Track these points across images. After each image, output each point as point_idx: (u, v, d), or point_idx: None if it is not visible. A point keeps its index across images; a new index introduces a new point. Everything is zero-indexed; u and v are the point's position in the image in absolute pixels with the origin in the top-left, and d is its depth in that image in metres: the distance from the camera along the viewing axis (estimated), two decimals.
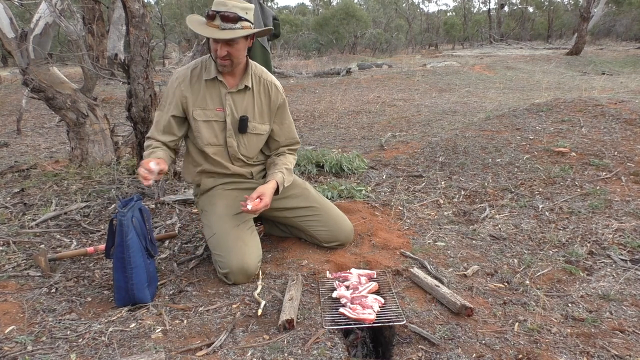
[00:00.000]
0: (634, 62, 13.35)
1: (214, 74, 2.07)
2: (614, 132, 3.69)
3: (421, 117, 5.83)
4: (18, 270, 2.15)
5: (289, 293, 1.81)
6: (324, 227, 2.26)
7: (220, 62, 2.01)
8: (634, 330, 1.65)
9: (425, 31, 27.06)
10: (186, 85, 2.08)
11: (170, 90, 2.09)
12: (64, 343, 1.63)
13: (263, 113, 2.19)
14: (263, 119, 2.20)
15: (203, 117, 2.10)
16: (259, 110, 2.18)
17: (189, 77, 2.09)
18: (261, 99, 2.18)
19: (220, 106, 2.11)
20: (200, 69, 2.11)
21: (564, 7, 26.05)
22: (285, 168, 2.20)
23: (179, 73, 2.12)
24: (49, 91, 3.48)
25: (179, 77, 2.10)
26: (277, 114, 2.23)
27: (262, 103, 2.18)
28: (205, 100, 2.10)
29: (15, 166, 3.79)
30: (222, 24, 1.92)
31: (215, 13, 1.91)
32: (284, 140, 2.29)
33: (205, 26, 1.95)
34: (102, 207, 2.87)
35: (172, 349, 1.57)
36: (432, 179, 3.31)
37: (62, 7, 3.67)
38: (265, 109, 2.19)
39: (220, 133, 2.14)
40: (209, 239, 2.12)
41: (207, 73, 2.08)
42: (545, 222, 2.56)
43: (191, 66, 2.12)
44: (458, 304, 1.72)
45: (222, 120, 2.12)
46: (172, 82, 2.11)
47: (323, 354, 1.51)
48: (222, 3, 1.93)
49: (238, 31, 1.93)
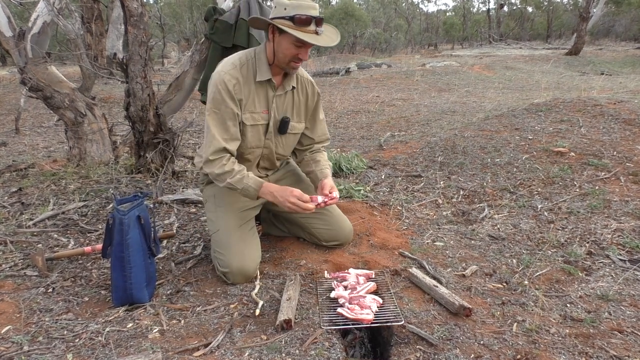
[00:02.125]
0: (633, 63, 13.36)
1: (267, 75, 1.98)
2: (613, 132, 3.68)
3: (420, 116, 5.82)
4: (15, 270, 2.14)
5: (287, 293, 1.80)
6: (325, 226, 2.25)
7: (294, 65, 1.94)
8: (633, 331, 1.64)
9: (425, 31, 27.06)
10: (239, 87, 1.96)
11: (224, 93, 1.93)
12: (61, 343, 1.62)
13: (300, 112, 2.15)
14: (300, 117, 2.16)
15: (251, 121, 2.02)
16: (297, 110, 2.14)
17: (241, 78, 1.96)
18: (299, 97, 2.13)
19: (266, 108, 2.04)
20: (248, 69, 1.98)
21: (563, 7, 26.07)
22: (329, 167, 2.20)
23: (229, 73, 1.93)
24: (47, 90, 3.47)
25: (231, 77, 1.93)
26: (312, 111, 2.20)
27: (300, 102, 2.14)
28: (254, 103, 2.01)
29: (13, 165, 3.78)
30: (318, 28, 1.86)
31: (312, 18, 1.83)
32: (318, 137, 2.26)
33: (301, 32, 1.84)
34: (100, 207, 2.86)
35: (169, 349, 1.56)
36: (431, 179, 3.30)
37: (61, 5, 3.67)
38: (303, 108, 2.16)
39: (262, 135, 2.08)
40: (212, 235, 2.11)
41: (260, 74, 1.97)
42: (544, 222, 2.56)
43: (237, 64, 1.97)
44: (456, 304, 1.71)
45: (266, 122, 2.06)
46: (224, 83, 1.92)
47: (321, 354, 1.50)
48: (311, 6, 1.85)
49: (334, 38, 1.92)
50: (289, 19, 1.82)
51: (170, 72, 10.84)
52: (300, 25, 1.83)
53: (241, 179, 1.94)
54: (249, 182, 1.95)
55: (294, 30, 1.83)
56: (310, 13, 1.84)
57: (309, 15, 1.83)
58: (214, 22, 3.09)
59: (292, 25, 1.83)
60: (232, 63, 1.97)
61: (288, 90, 2.07)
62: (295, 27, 1.83)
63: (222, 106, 1.94)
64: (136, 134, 3.25)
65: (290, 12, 1.83)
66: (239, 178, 1.94)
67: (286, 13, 1.83)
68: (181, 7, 20.30)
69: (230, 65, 1.96)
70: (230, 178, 1.94)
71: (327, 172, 2.16)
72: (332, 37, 1.93)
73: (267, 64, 1.98)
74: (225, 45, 3.10)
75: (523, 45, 19.99)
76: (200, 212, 2.84)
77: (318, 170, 2.17)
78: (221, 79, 1.92)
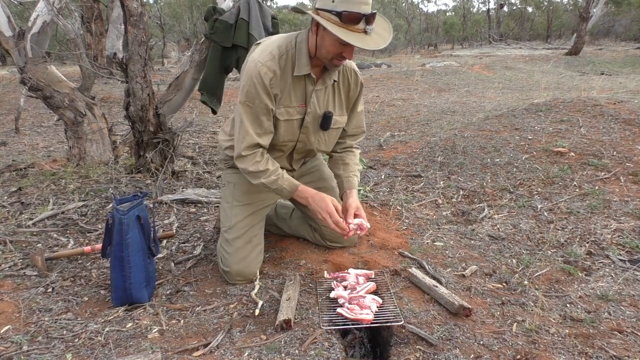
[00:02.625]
0: (633, 63, 13.36)
1: (307, 70, 1.81)
2: (613, 132, 3.68)
3: (420, 116, 5.82)
4: (14, 270, 2.14)
5: (287, 293, 1.80)
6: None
7: (336, 63, 1.78)
8: (633, 331, 1.64)
9: (425, 31, 27.05)
10: (276, 81, 1.80)
11: (259, 86, 1.78)
12: (60, 343, 1.62)
13: (342, 104, 2.01)
14: (342, 110, 2.02)
15: (285, 116, 1.89)
16: (339, 102, 1.99)
17: (279, 71, 1.80)
18: (341, 89, 1.97)
19: (303, 102, 1.89)
20: (287, 60, 1.81)
21: (563, 7, 26.06)
22: (357, 171, 2.09)
23: (266, 65, 1.77)
24: (47, 90, 3.47)
25: (268, 70, 1.77)
26: (355, 102, 2.05)
27: (342, 93, 1.98)
28: (290, 98, 1.87)
29: (12, 165, 3.78)
30: (367, 27, 1.66)
31: (362, 16, 1.64)
32: (352, 129, 2.10)
33: (348, 31, 1.65)
34: (100, 207, 2.86)
35: (168, 349, 1.56)
36: (430, 179, 3.30)
37: (60, 5, 3.67)
38: (344, 99, 2.00)
39: (297, 130, 1.95)
40: (222, 230, 2.07)
41: (298, 68, 1.81)
42: (544, 222, 2.56)
43: (276, 54, 1.79)
44: (456, 304, 1.71)
45: (301, 116, 1.92)
46: (260, 76, 1.77)
47: (320, 355, 1.50)
48: (363, 1, 1.64)
49: (386, 36, 1.73)
50: (336, 15, 1.64)
51: (170, 72, 10.84)
52: (348, 23, 1.64)
53: (275, 180, 1.86)
54: (284, 184, 1.87)
55: (338, 29, 1.64)
56: (361, 10, 1.63)
57: (359, 12, 1.63)
58: (214, 22, 3.09)
59: (338, 22, 1.64)
60: (271, 52, 1.79)
61: (329, 84, 1.92)
62: (342, 24, 1.64)
63: (256, 100, 1.80)
64: (136, 134, 3.25)
65: (338, 6, 1.63)
66: (273, 179, 1.86)
67: (333, 7, 1.64)
68: (181, 7, 20.29)
69: (268, 55, 1.78)
70: (264, 178, 1.85)
71: (354, 181, 2.04)
72: (384, 36, 1.73)
73: (307, 56, 1.80)
74: (225, 45, 3.10)
75: (523, 45, 19.99)
76: (200, 212, 2.84)
77: (345, 178, 2.05)
78: (257, 71, 1.77)
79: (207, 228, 2.61)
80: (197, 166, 3.79)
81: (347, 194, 2.03)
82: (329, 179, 2.25)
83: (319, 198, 1.86)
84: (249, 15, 3.07)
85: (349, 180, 2.05)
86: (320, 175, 2.25)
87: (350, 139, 2.14)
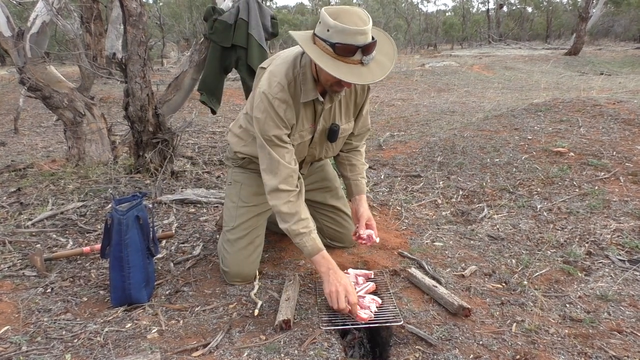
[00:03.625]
0: (633, 63, 13.37)
1: (313, 95, 1.75)
2: (613, 132, 3.68)
3: (420, 117, 5.82)
4: (13, 270, 2.13)
5: (286, 293, 1.80)
6: (333, 226, 2.25)
7: (336, 90, 1.72)
8: (632, 331, 1.64)
9: (424, 31, 27.04)
10: (291, 112, 1.75)
11: (278, 121, 1.73)
12: (59, 343, 1.62)
13: (349, 112, 1.96)
14: (349, 117, 1.98)
15: (298, 140, 1.86)
16: (346, 111, 1.94)
17: (291, 100, 1.74)
18: (348, 98, 1.92)
19: (313, 122, 1.86)
20: (295, 88, 1.75)
21: (562, 7, 26.07)
22: (364, 171, 2.09)
23: (278, 98, 1.72)
24: (46, 90, 3.46)
25: (281, 102, 1.72)
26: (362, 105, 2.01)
27: (349, 102, 1.94)
28: (303, 122, 1.83)
29: (12, 165, 3.78)
30: (364, 57, 1.55)
31: (357, 47, 1.52)
32: (358, 130, 2.06)
33: (342, 64, 1.55)
34: (99, 207, 2.86)
35: (168, 349, 1.56)
36: (430, 179, 3.30)
37: (60, 5, 3.66)
38: (352, 107, 1.96)
39: (306, 148, 1.95)
40: (225, 229, 2.07)
41: (305, 95, 1.75)
42: (543, 222, 2.56)
43: (284, 84, 1.73)
44: (456, 305, 1.71)
45: (311, 135, 1.90)
46: (276, 110, 1.72)
47: (320, 355, 1.50)
48: (359, 31, 1.51)
49: (387, 64, 1.62)
50: (330, 46, 1.54)
51: (170, 72, 10.83)
52: (342, 55, 1.54)
53: (300, 235, 1.75)
54: (307, 244, 1.75)
55: (332, 61, 1.55)
56: (356, 41, 1.52)
57: (354, 44, 1.52)
58: (213, 22, 3.09)
59: (332, 53, 1.55)
60: (279, 83, 1.73)
61: (336, 100, 1.85)
62: (337, 55, 1.55)
63: (273, 132, 1.74)
64: (135, 134, 3.25)
65: (333, 37, 1.53)
66: (300, 232, 1.75)
67: (328, 37, 1.54)
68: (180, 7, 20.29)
69: (278, 87, 1.72)
70: (290, 224, 1.75)
71: (362, 185, 2.03)
72: (384, 65, 1.62)
73: (312, 81, 1.74)
74: (224, 45, 3.10)
75: (522, 46, 20.00)
76: (199, 213, 2.83)
77: (353, 181, 2.03)
78: (270, 105, 1.72)
79: (206, 228, 2.61)
80: (196, 166, 3.79)
81: (357, 201, 2.02)
82: (333, 179, 2.26)
83: (339, 275, 1.71)
84: (249, 16, 3.07)
85: (357, 184, 2.04)
86: (324, 175, 2.25)
87: (357, 139, 2.11)
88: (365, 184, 2.08)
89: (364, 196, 2.04)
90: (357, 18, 1.54)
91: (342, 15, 1.53)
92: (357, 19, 1.54)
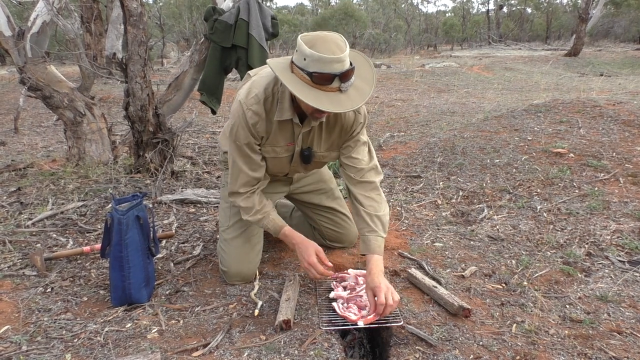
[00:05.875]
0: (632, 64, 13.38)
1: (288, 115, 1.73)
2: (612, 133, 3.69)
3: (420, 117, 5.82)
4: (14, 270, 2.14)
5: (286, 293, 1.80)
6: (334, 228, 2.25)
7: (317, 116, 1.69)
8: (632, 332, 1.64)
9: (424, 32, 27.07)
10: (262, 125, 1.76)
11: (246, 129, 1.76)
12: (59, 343, 1.62)
13: (333, 142, 1.90)
14: (331, 146, 1.92)
15: (272, 154, 1.87)
16: (326, 140, 1.89)
17: (264, 114, 1.74)
18: (332, 127, 1.86)
19: (292, 141, 1.85)
20: (272, 104, 1.75)
21: (562, 8, 26.10)
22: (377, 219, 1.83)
23: (251, 109, 1.73)
24: (46, 90, 3.46)
25: (253, 114, 1.73)
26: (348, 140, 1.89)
27: (333, 132, 1.87)
28: (277, 138, 1.82)
29: (12, 165, 3.78)
30: (342, 85, 1.54)
31: (334, 76, 1.51)
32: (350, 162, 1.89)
33: (320, 92, 1.53)
34: (99, 207, 2.86)
35: (168, 349, 1.56)
36: (430, 180, 3.30)
37: (60, 5, 3.66)
38: (336, 137, 1.89)
39: (286, 164, 1.95)
40: (221, 230, 2.10)
41: (280, 113, 1.74)
42: (543, 223, 2.56)
43: (261, 98, 1.73)
44: (456, 305, 1.71)
45: (290, 154, 1.90)
46: (247, 120, 1.74)
47: (320, 355, 1.50)
48: (335, 59, 1.49)
49: (366, 89, 1.60)
50: (307, 74, 1.52)
51: (169, 72, 10.83)
52: (319, 84, 1.53)
53: (261, 219, 1.88)
54: (268, 225, 1.89)
55: (309, 90, 1.53)
56: (333, 70, 1.50)
57: (331, 73, 1.50)
58: (214, 22, 3.09)
59: (309, 81, 1.53)
60: (256, 95, 1.73)
61: (315, 125, 1.81)
62: (314, 84, 1.53)
63: (243, 140, 1.79)
64: (135, 134, 3.25)
65: (309, 66, 1.51)
66: (258, 218, 1.88)
67: (305, 65, 1.52)
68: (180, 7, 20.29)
69: (254, 99, 1.73)
70: (249, 216, 1.88)
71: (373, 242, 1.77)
72: (363, 91, 1.59)
73: (290, 100, 1.72)
74: (224, 45, 3.11)
75: (522, 46, 20.02)
76: (199, 213, 2.83)
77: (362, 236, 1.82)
78: (243, 114, 1.74)
79: (206, 228, 2.61)
80: (196, 166, 3.79)
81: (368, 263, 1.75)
82: (329, 181, 2.27)
83: (304, 247, 1.81)
84: (249, 16, 3.07)
85: (366, 241, 1.79)
86: (319, 177, 2.25)
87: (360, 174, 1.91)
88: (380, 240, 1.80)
89: (376, 257, 1.75)
90: (334, 45, 1.52)
91: (318, 43, 1.51)
92: (334, 46, 1.51)
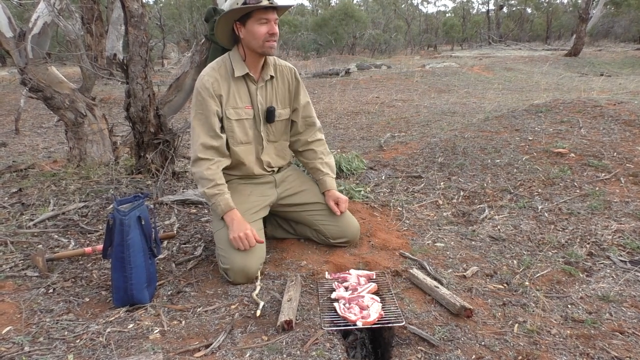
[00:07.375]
0: (633, 64, 13.38)
1: (244, 70, 2.07)
2: (613, 133, 3.69)
3: (420, 117, 5.83)
4: (15, 271, 2.14)
5: (288, 294, 1.80)
6: (333, 223, 2.26)
7: (269, 44, 1.99)
8: (634, 332, 1.64)
9: (424, 32, 27.07)
10: (218, 84, 2.04)
11: (204, 92, 2.03)
12: (62, 344, 1.62)
13: (285, 99, 2.23)
14: (285, 104, 2.24)
15: (235, 115, 2.10)
16: (282, 97, 2.21)
17: (219, 77, 2.05)
18: (279, 84, 2.20)
19: (249, 104, 2.13)
20: (226, 68, 2.08)
21: (562, 8, 26.11)
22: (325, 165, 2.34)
23: (207, 74, 2.05)
24: (47, 91, 3.47)
25: (209, 78, 2.04)
26: (295, 95, 2.26)
27: (283, 88, 2.21)
28: (236, 99, 2.09)
29: (13, 166, 3.78)
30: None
31: None
32: (302, 120, 2.29)
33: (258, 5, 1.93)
34: (101, 207, 2.86)
35: (170, 349, 1.56)
36: (431, 180, 3.30)
37: (61, 6, 3.67)
38: (287, 94, 2.23)
39: (250, 130, 2.16)
40: (215, 232, 2.12)
41: (237, 70, 2.06)
42: (544, 223, 2.56)
43: (215, 66, 2.08)
44: (457, 305, 1.71)
45: (251, 117, 2.14)
46: (203, 84, 2.03)
47: (322, 355, 1.50)
48: None
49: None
50: (243, 4, 1.92)
51: (170, 73, 10.84)
52: (253, 3, 1.92)
53: (216, 194, 2.01)
54: (220, 203, 2.01)
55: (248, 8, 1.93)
56: None
57: None
58: (214, 23, 3.08)
59: (245, 8, 1.93)
60: (210, 66, 2.07)
61: (267, 79, 2.14)
62: (249, 6, 1.92)
63: (204, 106, 2.03)
64: (136, 135, 3.25)
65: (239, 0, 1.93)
66: (215, 192, 2.01)
67: (236, 1, 1.94)
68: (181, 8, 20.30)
69: (209, 69, 2.07)
70: (207, 188, 2.01)
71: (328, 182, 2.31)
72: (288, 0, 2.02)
73: (241, 60, 2.06)
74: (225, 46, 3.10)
75: (522, 46, 20.02)
76: (200, 213, 2.84)
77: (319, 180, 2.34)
78: (201, 82, 2.03)
79: (207, 229, 2.61)
80: None
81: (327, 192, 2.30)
82: (309, 181, 2.41)
83: (241, 224, 2.00)
84: None
85: (322, 182, 2.32)
86: (298, 179, 2.38)
87: (305, 135, 2.32)
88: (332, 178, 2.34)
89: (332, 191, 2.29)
90: None
91: None
92: None
